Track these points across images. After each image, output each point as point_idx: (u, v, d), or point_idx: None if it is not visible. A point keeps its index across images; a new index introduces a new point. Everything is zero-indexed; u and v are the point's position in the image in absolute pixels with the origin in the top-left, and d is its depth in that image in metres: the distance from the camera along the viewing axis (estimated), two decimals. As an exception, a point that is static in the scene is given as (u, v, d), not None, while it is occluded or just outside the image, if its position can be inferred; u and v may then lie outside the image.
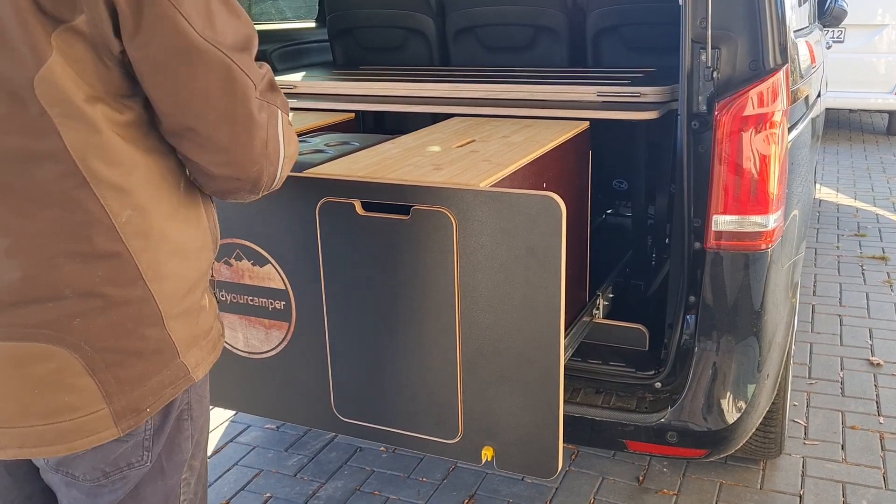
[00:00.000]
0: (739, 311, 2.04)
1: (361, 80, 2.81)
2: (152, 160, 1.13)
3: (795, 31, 2.35)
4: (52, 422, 1.10)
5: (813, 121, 2.71)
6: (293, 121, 1.50)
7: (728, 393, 2.06)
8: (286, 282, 1.82)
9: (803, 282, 4.16)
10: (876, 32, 7.10)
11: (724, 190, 1.97)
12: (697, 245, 2.04)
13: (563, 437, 1.70)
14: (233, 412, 3.13)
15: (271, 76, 1.20)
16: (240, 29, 1.11)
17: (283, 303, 1.83)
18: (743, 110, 1.93)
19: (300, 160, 1.85)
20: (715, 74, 1.94)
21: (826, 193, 5.95)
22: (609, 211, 3.36)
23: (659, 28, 2.96)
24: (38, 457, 1.13)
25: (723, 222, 1.99)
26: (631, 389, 2.18)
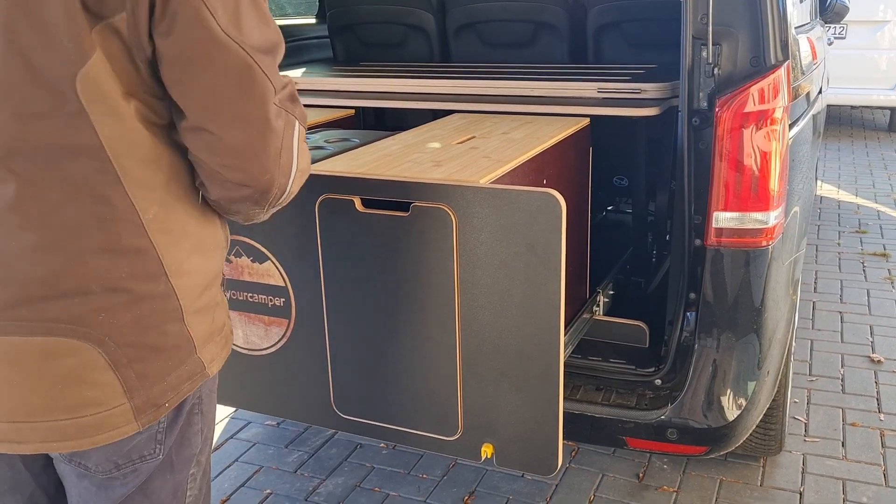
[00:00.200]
0: (740, 308, 2.04)
1: (362, 77, 2.81)
2: (176, 158, 1.14)
3: (797, 28, 2.35)
4: (75, 416, 1.10)
5: (814, 117, 2.70)
6: None
7: (728, 390, 2.06)
8: (286, 279, 1.81)
9: (804, 278, 4.16)
10: (878, 29, 7.09)
11: (725, 187, 1.97)
12: (698, 242, 2.03)
13: (563, 434, 1.70)
14: (233, 409, 3.13)
15: (294, 88, 1.17)
16: (267, 34, 1.10)
17: (283, 299, 1.83)
18: (744, 107, 1.92)
19: None
20: (716, 71, 1.94)
21: (827, 190, 5.94)
22: (609, 207, 3.36)
23: (660, 24, 2.95)
24: (60, 451, 1.13)
25: (723, 219, 1.99)
26: (631, 386, 2.18)
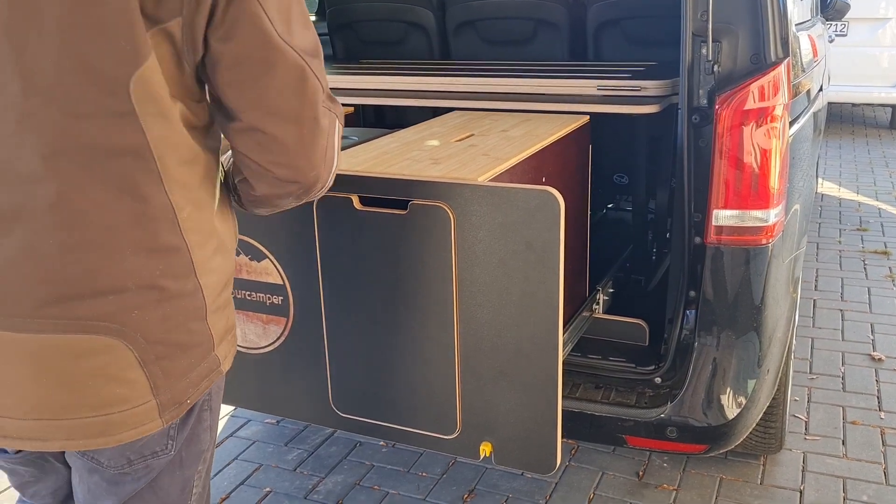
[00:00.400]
0: (740, 307, 2.03)
1: (361, 74, 2.80)
2: (209, 159, 1.17)
3: (797, 25, 2.34)
4: (102, 414, 1.10)
5: (815, 115, 2.69)
6: None
7: (728, 388, 2.05)
8: (284, 277, 1.81)
9: (805, 276, 4.15)
10: (879, 26, 7.07)
11: (725, 184, 1.96)
12: (698, 240, 2.03)
13: (563, 433, 1.69)
14: (232, 407, 3.13)
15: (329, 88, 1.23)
16: (311, 37, 1.15)
17: (281, 298, 1.83)
18: (744, 104, 1.92)
19: None
20: (716, 68, 1.93)
21: (828, 188, 5.93)
22: (609, 205, 3.35)
23: (660, 21, 2.94)
24: (85, 448, 1.13)
25: (723, 217, 1.98)
26: (631, 385, 2.18)
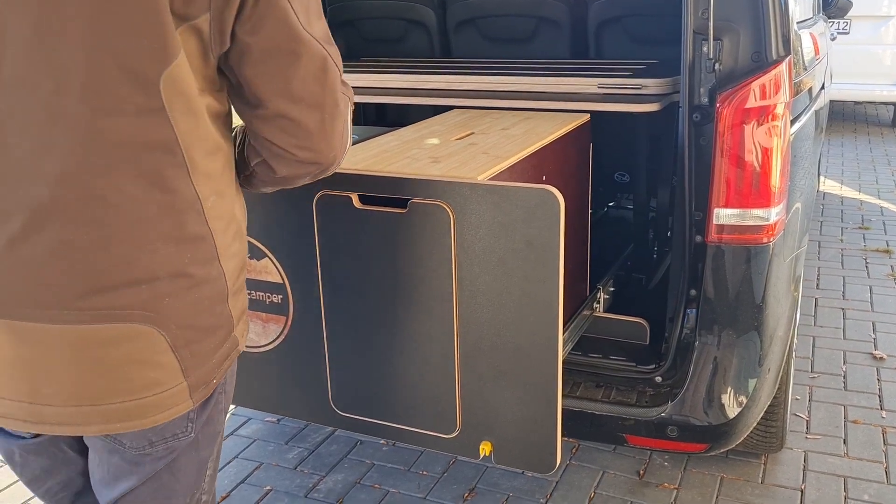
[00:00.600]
0: (741, 306, 2.02)
1: (362, 72, 2.80)
2: (229, 148, 1.22)
3: (799, 23, 2.33)
4: (138, 398, 1.15)
5: (816, 113, 2.69)
6: None
7: (729, 387, 2.05)
8: (283, 275, 1.81)
9: (807, 275, 4.15)
10: (882, 24, 7.05)
11: (726, 183, 1.96)
12: (699, 238, 2.02)
13: (563, 431, 1.69)
14: (232, 406, 3.13)
15: None
16: (324, 26, 1.21)
17: (281, 296, 1.83)
18: (745, 102, 1.91)
19: None
20: (717, 66, 1.92)
21: (830, 186, 5.92)
22: (611, 204, 3.35)
23: (661, 20, 2.93)
24: (122, 431, 1.17)
25: (724, 216, 1.98)
26: (631, 383, 2.17)
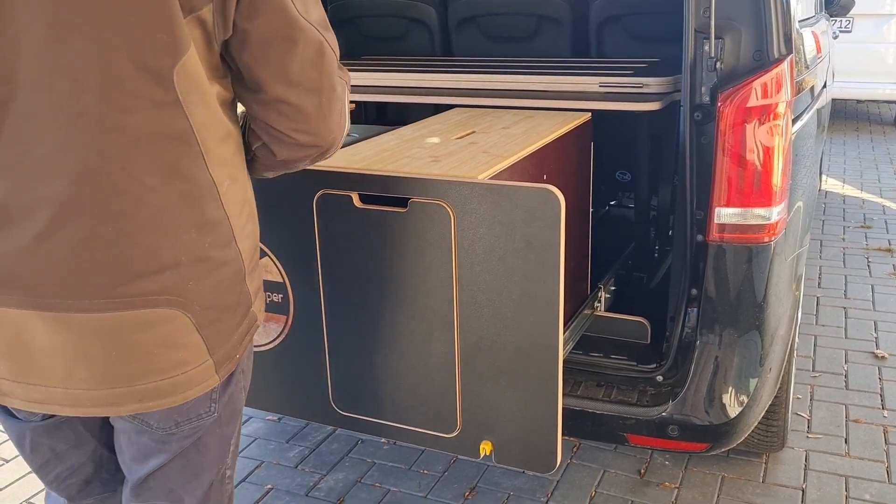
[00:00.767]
0: (742, 305, 2.02)
1: (363, 70, 2.79)
2: (237, 133, 1.25)
3: (801, 21, 2.32)
4: (169, 376, 1.20)
5: (818, 112, 2.68)
6: None
7: (730, 387, 2.04)
8: (283, 275, 1.80)
9: (808, 273, 4.14)
10: (884, 22, 7.04)
11: (727, 182, 1.95)
12: (700, 238, 2.02)
13: (564, 431, 1.69)
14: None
15: None
16: (321, 11, 1.24)
17: (281, 296, 1.82)
18: (746, 101, 1.91)
19: None
20: (718, 65, 1.92)
21: (832, 184, 5.91)
22: (612, 203, 3.34)
23: (662, 18, 2.92)
24: (155, 409, 1.22)
25: (725, 215, 1.97)
26: (632, 383, 2.17)
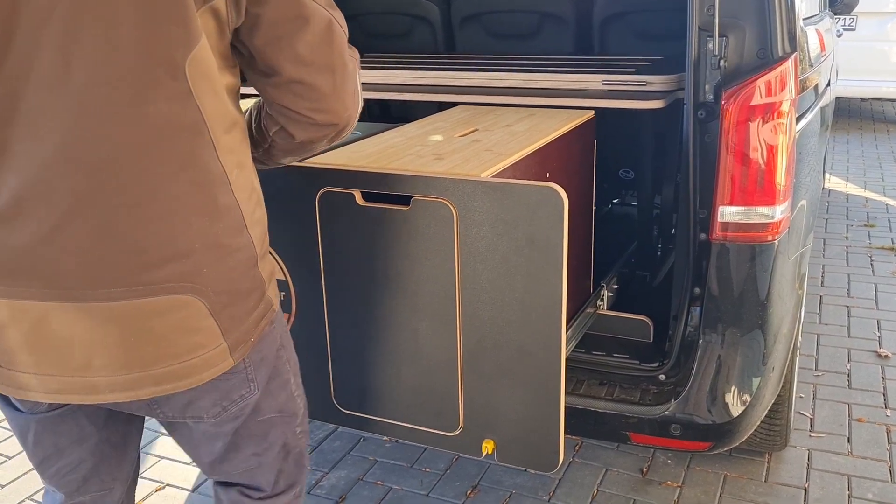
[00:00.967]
0: (745, 304, 2.01)
1: (366, 68, 2.79)
2: (241, 121, 1.27)
3: (805, 19, 2.32)
4: (185, 360, 1.23)
5: (822, 110, 2.67)
6: None
7: (733, 386, 2.04)
8: (286, 272, 1.80)
9: (811, 272, 4.13)
10: (888, 20, 7.02)
11: (731, 180, 1.95)
12: (703, 236, 2.01)
13: (567, 429, 1.68)
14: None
15: None
16: None
17: (283, 293, 1.82)
18: (750, 99, 1.90)
19: None
20: (722, 63, 1.91)
21: (836, 183, 5.90)
22: (615, 201, 3.33)
23: (666, 16, 2.92)
24: (172, 392, 1.25)
25: (729, 213, 1.97)
26: (635, 381, 2.16)
